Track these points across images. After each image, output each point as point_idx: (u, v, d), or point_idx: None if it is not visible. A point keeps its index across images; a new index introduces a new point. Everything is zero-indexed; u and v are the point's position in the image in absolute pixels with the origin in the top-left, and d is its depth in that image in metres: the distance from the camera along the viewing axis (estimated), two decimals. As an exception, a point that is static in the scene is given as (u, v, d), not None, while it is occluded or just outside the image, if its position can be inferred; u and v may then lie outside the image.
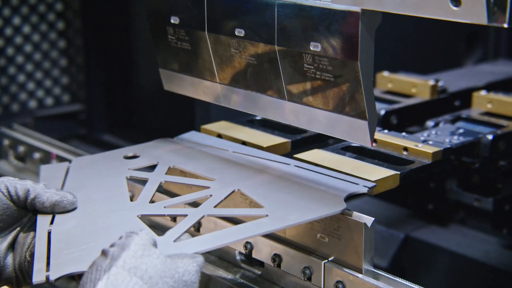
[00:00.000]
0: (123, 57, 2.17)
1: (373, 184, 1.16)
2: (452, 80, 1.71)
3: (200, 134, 1.40)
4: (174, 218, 1.30)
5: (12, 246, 1.10)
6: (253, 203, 1.15)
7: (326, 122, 1.12)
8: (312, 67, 1.09)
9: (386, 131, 1.38)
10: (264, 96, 1.20)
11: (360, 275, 1.10)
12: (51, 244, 1.03)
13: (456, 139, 1.36)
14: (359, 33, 1.02)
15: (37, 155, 1.61)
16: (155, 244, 0.97)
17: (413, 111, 1.54)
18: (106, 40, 2.19)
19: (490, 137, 1.37)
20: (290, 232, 1.18)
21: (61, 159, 1.53)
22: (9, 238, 1.10)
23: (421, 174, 1.25)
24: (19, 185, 1.09)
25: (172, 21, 1.28)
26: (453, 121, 1.48)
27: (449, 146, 1.31)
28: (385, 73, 1.67)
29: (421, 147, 1.29)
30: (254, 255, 1.21)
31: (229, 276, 1.23)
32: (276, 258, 1.18)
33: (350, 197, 1.13)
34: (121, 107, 2.21)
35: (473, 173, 1.50)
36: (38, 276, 0.98)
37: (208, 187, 1.18)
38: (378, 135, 1.35)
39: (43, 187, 1.10)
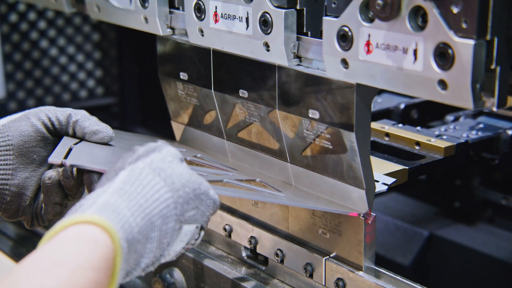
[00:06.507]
0: (156, 50, 2.17)
1: (393, 180, 1.13)
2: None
3: None
4: None
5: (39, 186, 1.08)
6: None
7: (326, 187, 1.11)
8: (311, 133, 1.09)
9: (400, 125, 1.34)
10: (267, 157, 1.20)
11: (360, 273, 1.07)
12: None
13: (474, 134, 1.31)
14: (354, 105, 1.01)
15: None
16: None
17: (435, 105, 1.48)
18: (139, 33, 2.18)
19: (510, 132, 1.32)
20: (293, 227, 1.16)
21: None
22: (40, 171, 1.07)
23: (431, 169, 1.22)
24: (60, 111, 1.08)
25: (181, 77, 1.29)
26: (474, 116, 1.43)
27: (463, 141, 1.26)
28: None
29: (433, 141, 1.25)
30: (258, 250, 1.20)
31: (234, 271, 1.22)
32: (279, 253, 1.16)
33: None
34: (154, 101, 2.21)
35: (494, 170, 1.45)
36: (55, 158, 0.98)
37: (231, 173, 1.18)
38: (391, 129, 1.31)
39: (85, 113, 1.09)
